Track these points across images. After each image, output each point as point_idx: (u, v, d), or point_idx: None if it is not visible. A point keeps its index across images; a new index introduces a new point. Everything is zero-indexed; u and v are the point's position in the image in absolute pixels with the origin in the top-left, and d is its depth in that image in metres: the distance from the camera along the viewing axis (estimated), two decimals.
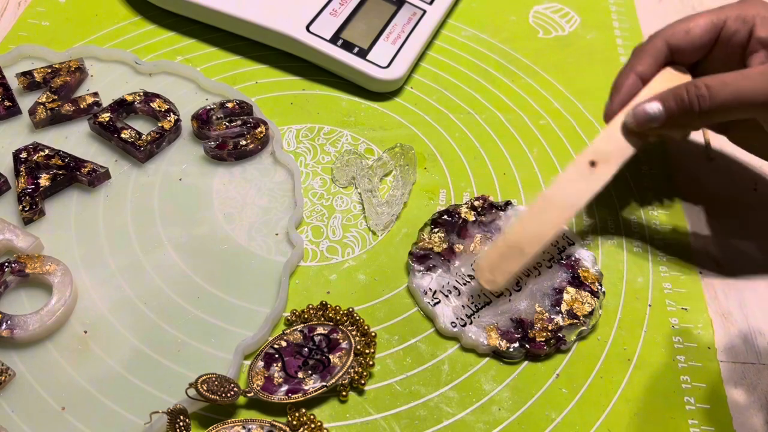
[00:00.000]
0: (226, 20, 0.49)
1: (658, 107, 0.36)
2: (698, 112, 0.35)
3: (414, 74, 0.51)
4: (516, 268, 0.36)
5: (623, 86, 0.38)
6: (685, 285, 0.40)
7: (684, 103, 0.35)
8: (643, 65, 0.38)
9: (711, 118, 0.35)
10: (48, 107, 0.43)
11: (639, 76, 0.38)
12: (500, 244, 0.37)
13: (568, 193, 0.37)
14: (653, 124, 0.36)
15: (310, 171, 0.44)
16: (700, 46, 0.38)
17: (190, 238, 0.40)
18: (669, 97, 0.36)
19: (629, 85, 0.38)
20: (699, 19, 0.38)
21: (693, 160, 0.46)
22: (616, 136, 0.37)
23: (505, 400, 0.35)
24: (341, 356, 0.35)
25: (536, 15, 0.56)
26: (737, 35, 0.37)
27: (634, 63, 0.39)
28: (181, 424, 0.31)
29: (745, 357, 0.37)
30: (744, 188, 0.45)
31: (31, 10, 0.52)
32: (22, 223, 0.39)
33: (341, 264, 0.40)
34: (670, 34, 0.38)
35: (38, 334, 0.35)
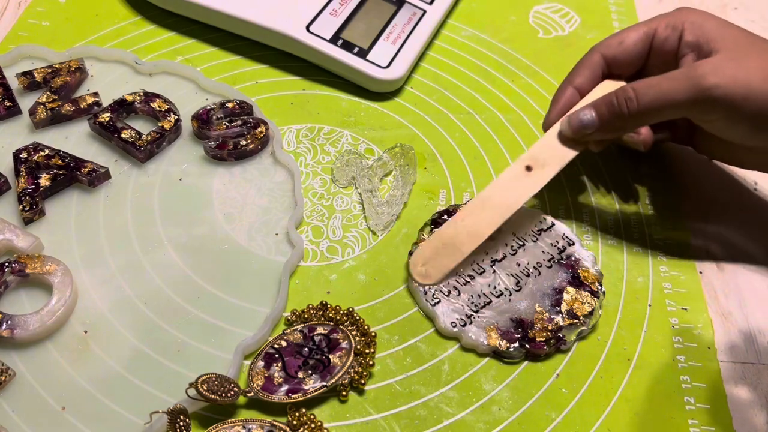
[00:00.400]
0: (226, 20, 0.49)
1: (591, 114, 0.38)
2: (628, 114, 0.36)
3: (414, 74, 0.51)
4: (452, 266, 0.38)
5: (561, 98, 0.40)
6: (685, 285, 0.40)
7: (614, 107, 0.37)
8: (580, 78, 0.40)
9: (642, 120, 0.37)
10: (48, 107, 0.43)
11: (576, 89, 0.40)
12: (435, 240, 0.38)
13: (504, 195, 0.38)
14: (587, 130, 0.38)
15: (310, 171, 0.44)
16: (634, 55, 0.40)
17: (190, 238, 0.40)
18: (600, 103, 0.37)
19: (567, 97, 0.40)
20: (631, 31, 0.40)
21: (693, 160, 0.46)
22: (552, 144, 0.39)
23: (505, 400, 0.35)
24: (341, 356, 0.35)
25: (536, 15, 0.56)
26: (668, 42, 0.39)
27: (572, 77, 0.41)
28: (181, 424, 0.31)
29: (745, 357, 0.37)
30: (744, 188, 0.45)
31: (31, 10, 0.52)
32: (22, 223, 0.39)
33: (341, 264, 0.40)
34: (605, 46, 0.40)
35: (38, 334, 0.35)
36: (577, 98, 0.40)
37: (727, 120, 0.35)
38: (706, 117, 0.36)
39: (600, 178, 0.45)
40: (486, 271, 0.39)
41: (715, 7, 0.58)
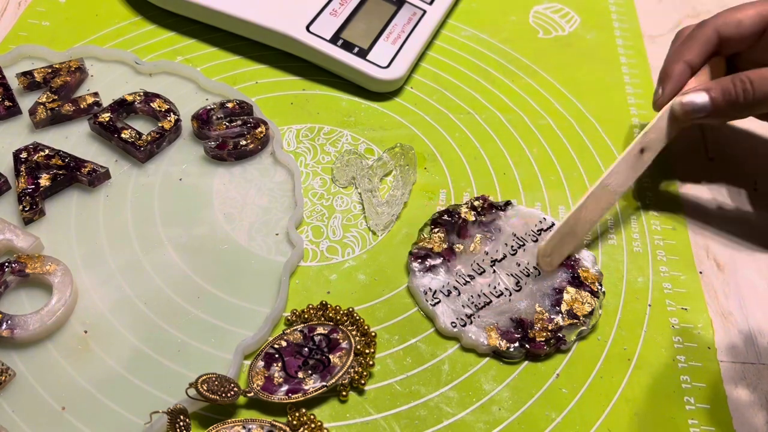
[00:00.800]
0: (226, 20, 0.49)
1: (705, 99, 0.37)
2: (743, 104, 0.37)
3: (414, 74, 0.51)
4: (570, 250, 0.39)
5: (673, 74, 0.39)
6: (685, 285, 0.40)
7: (731, 96, 0.37)
8: (692, 54, 0.39)
9: (754, 110, 0.37)
10: (48, 107, 0.43)
11: (688, 65, 0.39)
12: (562, 229, 0.38)
13: (621, 179, 0.39)
14: (700, 114, 0.38)
15: (310, 171, 0.44)
16: (749, 36, 0.39)
17: (190, 238, 0.40)
18: (716, 89, 0.37)
19: (679, 73, 0.39)
20: (749, 10, 0.39)
21: (693, 160, 0.46)
22: (662, 125, 0.39)
23: (505, 400, 0.35)
24: (341, 356, 0.35)
25: (536, 15, 0.56)
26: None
27: (683, 51, 0.40)
28: (181, 424, 0.31)
29: (745, 357, 0.37)
30: (744, 188, 0.45)
31: (31, 10, 0.52)
32: (22, 223, 0.39)
33: (341, 264, 0.40)
34: (722, 23, 0.39)
35: (38, 334, 0.35)
36: (689, 74, 0.40)
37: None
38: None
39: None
40: (486, 271, 0.39)
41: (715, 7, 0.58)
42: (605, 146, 0.47)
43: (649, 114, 0.49)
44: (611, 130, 0.48)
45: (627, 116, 0.49)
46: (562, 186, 0.44)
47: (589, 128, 0.48)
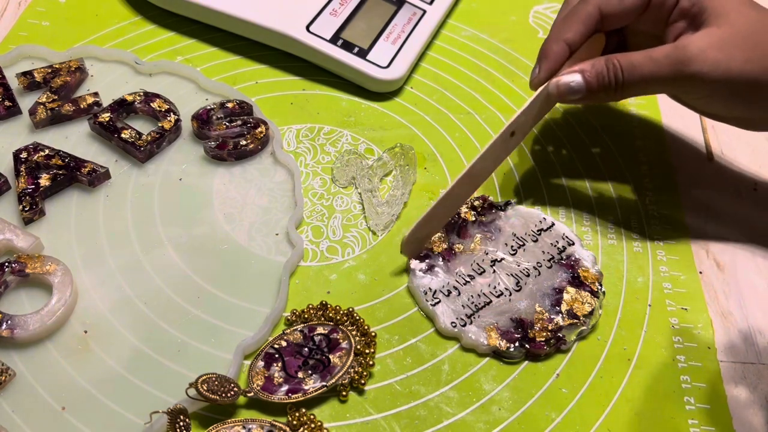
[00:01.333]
0: (226, 20, 0.49)
1: (580, 82, 0.37)
2: (614, 88, 0.37)
3: (414, 74, 0.51)
4: (429, 238, 0.39)
5: (551, 54, 0.38)
6: (685, 285, 0.40)
7: (603, 80, 0.37)
8: (571, 32, 0.38)
9: (626, 95, 0.38)
10: (48, 107, 0.43)
11: (567, 44, 0.38)
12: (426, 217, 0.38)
13: (488, 164, 0.39)
14: (575, 96, 0.38)
15: (310, 171, 0.44)
16: (632, 12, 0.39)
17: (190, 238, 0.40)
18: (591, 72, 0.37)
19: (556, 53, 0.38)
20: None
21: (693, 160, 0.46)
22: (535, 106, 0.39)
23: (505, 400, 0.35)
24: (341, 356, 0.35)
25: (536, 15, 0.56)
26: (666, 4, 0.38)
27: (562, 29, 0.39)
28: (181, 424, 0.31)
29: (745, 357, 0.37)
30: (744, 188, 0.45)
31: (31, 10, 0.52)
32: (22, 223, 0.39)
33: (341, 264, 0.40)
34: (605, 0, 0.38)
35: (38, 334, 0.35)
36: (567, 54, 0.39)
37: (705, 99, 0.38)
38: (685, 96, 0.39)
39: (600, 178, 0.45)
40: (486, 271, 0.39)
41: None
42: (605, 146, 0.47)
43: (650, 113, 0.49)
44: (611, 130, 0.48)
45: (627, 116, 0.49)
46: (562, 186, 0.44)
47: (589, 128, 0.48)
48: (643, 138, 0.47)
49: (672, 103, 0.45)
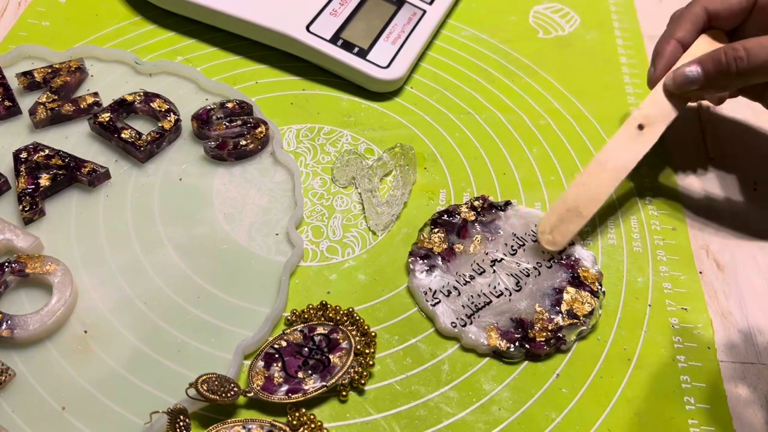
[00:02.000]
0: (226, 20, 0.49)
1: (697, 70, 0.38)
2: (736, 73, 0.37)
3: (414, 74, 0.51)
4: (576, 229, 0.39)
5: (665, 52, 0.41)
6: (685, 285, 0.40)
7: (722, 65, 0.37)
8: (682, 31, 0.40)
9: (748, 79, 0.37)
10: (48, 107, 0.43)
11: (679, 42, 0.40)
12: (559, 207, 0.39)
13: (618, 157, 0.39)
14: (693, 86, 0.38)
15: (310, 171, 0.44)
16: (738, 11, 0.40)
17: (190, 238, 0.40)
18: (707, 60, 0.38)
19: (670, 51, 0.40)
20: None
21: (693, 160, 0.46)
22: (660, 100, 0.40)
23: (505, 400, 0.35)
24: (341, 356, 0.35)
25: (536, 15, 0.56)
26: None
27: (673, 29, 0.41)
28: (181, 424, 0.31)
29: (745, 357, 0.37)
30: (744, 188, 0.45)
31: (31, 10, 0.52)
32: (22, 223, 0.39)
33: (341, 264, 0.40)
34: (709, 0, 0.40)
35: (38, 334, 0.35)
36: (680, 52, 0.41)
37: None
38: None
39: None
40: (486, 271, 0.39)
41: None
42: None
43: None
44: (611, 130, 0.48)
45: (627, 116, 0.49)
46: (562, 186, 0.44)
47: (589, 128, 0.48)
48: None
49: None
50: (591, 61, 0.53)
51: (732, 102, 0.50)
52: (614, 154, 0.39)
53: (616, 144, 0.40)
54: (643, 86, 0.51)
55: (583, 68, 0.52)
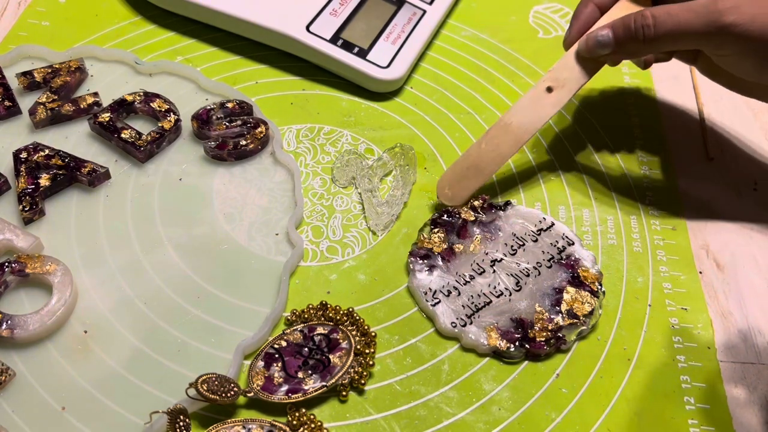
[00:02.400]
0: (226, 20, 0.49)
1: (608, 34, 0.38)
2: (643, 40, 0.37)
3: (414, 74, 0.51)
4: (476, 186, 0.40)
5: (581, 14, 0.40)
6: (685, 285, 0.40)
7: (631, 31, 0.37)
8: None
9: (657, 46, 0.37)
10: (48, 107, 0.43)
11: (597, 5, 0.40)
12: (460, 164, 0.40)
13: (526, 117, 0.40)
14: (603, 50, 0.38)
15: (310, 171, 0.44)
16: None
17: (190, 238, 0.40)
18: (619, 24, 0.38)
19: (587, 14, 0.40)
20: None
21: (693, 160, 0.46)
22: (571, 64, 0.40)
23: (505, 400, 0.35)
24: (341, 356, 0.35)
25: (536, 15, 0.56)
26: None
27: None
28: (181, 424, 0.31)
29: (745, 357, 0.37)
30: (744, 188, 0.45)
31: (31, 10, 0.52)
32: (22, 223, 0.39)
33: (341, 264, 0.40)
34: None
35: (38, 334, 0.35)
36: (597, 16, 0.40)
37: (738, 56, 0.37)
38: (718, 51, 0.37)
39: (600, 178, 0.45)
40: (486, 271, 0.39)
41: None
42: (605, 146, 0.47)
43: (650, 113, 0.49)
44: (611, 130, 0.48)
45: (626, 116, 0.49)
46: (562, 186, 0.44)
47: (589, 128, 0.48)
48: (643, 138, 0.47)
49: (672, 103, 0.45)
50: None
51: (732, 102, 0.50)
52: (520, 115, 0.40)
53: (523, 105, 0.40)
54: (643, 85, 0.51)
55: None
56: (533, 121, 0.40)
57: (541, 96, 0.40)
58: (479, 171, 0.40)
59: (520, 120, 0.39)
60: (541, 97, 0.40)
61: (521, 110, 0.40)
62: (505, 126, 0.40)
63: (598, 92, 0.50)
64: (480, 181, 0.40)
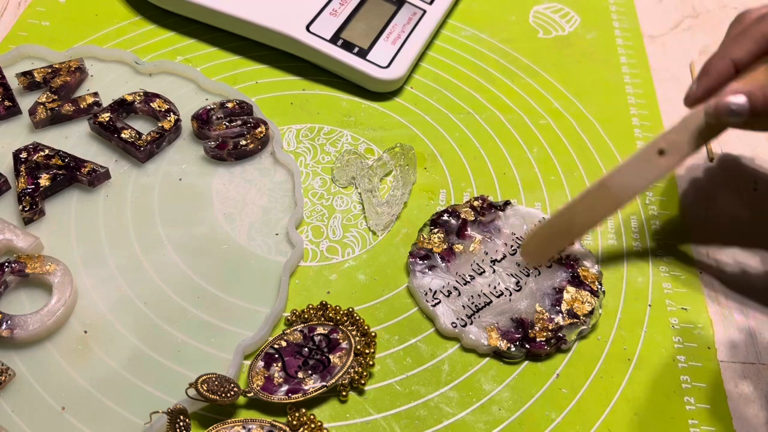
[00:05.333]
0: (226, 20, 0.49)
1: (745, 104, 0.32)
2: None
3: (414, 74, 0.51)
4: (562, 248, 0.38)
5: (713, 71, 0.35)
6: (685, 285, 0.40)
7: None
8: (741, 51, 0.34)
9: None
10: (48, 107, 0.43)
11: (734, 63, 0.34)
12: (548, 226, 0.38)
13: (629, 180, 0.35)
14: (735, 119, 0.33)
15: (310, 171, 0.44)
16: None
17: (190, 238, 0.40)
18: (757, 91, 0.32)
19: (720, 71, 0.34)
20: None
21: (693, 160, 0.46)
22: (692, 127, 0.34)
23: (505, 400, 0.35)
24: (341, 356, 0.35)
25: (536, 15, 0.56)
26: None
27: (731, 47, 0.35)
28: (181, 424, 0.31)
29: (745, 357, 0.37)
30: (744, 188, 0.45)
31: (31, 10, 0.52)
32: (22, 223, 0.39)
33: (341, 264, 0.40)
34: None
35: (38, 334, 0.35)
36: (732, 73, 0.34)
37: None
38: None
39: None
40: (486, 271, 0.39)
41: (715, 7, 0.58)
42: (605, 146, 0.47)
43: (650, 113, 0.49)
44: (611, 130, 0.48)
45: (627, 116, 0.49)
46: (562, 186, 0.44)
47: (589, 128, 0.48)
48: (643, 138, 0.47)
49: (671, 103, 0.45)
50: (591, 61, 0.53)
51: None
52: (624, 177, 0.35)
53: (630, 167, 0.35)
54: (643, 85, 0.51)
55: (583, 68, 0.52)
56: (636, 185, 0.35)
57: (651, 158, 0.35)
58: (569, 232, 0.37)
59: (622, 182, 0.35)
60: (651, 160, 0.35)
61: (627, 173, 0.35)
62: (605, 188, 0.35)
63: (599, 92, 0.50)
64: (567, 242, 0.37)
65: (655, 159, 0.35)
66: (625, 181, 0.35)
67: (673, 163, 0.35)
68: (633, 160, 0.35)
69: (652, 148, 0.35)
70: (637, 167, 0.35)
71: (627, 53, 0.53)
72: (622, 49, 0.54)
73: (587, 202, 0.36)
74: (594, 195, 0.36)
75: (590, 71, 0.52)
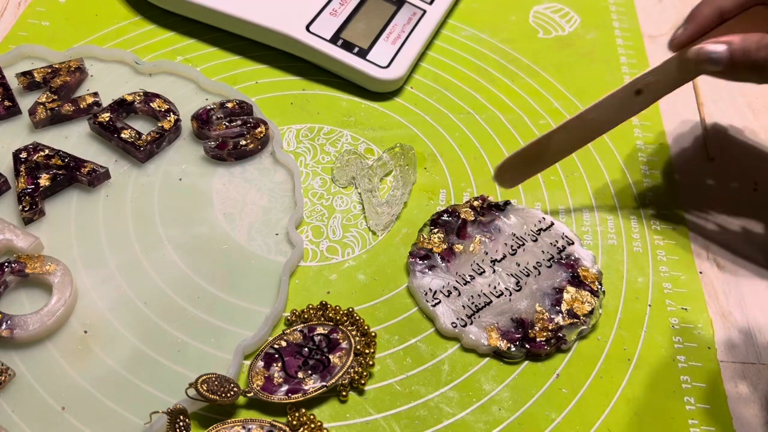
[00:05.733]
0: (226, 20, 0.49)
1: (724, 51, 0.33)
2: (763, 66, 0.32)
3: (414, 74, 0.51)
4: (533, 174, 0.40)
5: (700, 17, 0.36)
6: (685, 285, 0.40)
7: (750, 57, 0.33)
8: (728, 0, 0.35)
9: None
10: (48, 107, 0.43)
11: (720, 11, 0.35)
12: (524, 152, 0.39)
13: (606, 116, 0.38)
14: (714, 67, 0.34)
15: (310, 171, 0.44)
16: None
17: (190, 238, 0.40)
18: (739, 43, 0.33)
19: (706, 18, 0.35)
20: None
21: (693, 160, 0.46)
22: (671, 69, 0.36)
23: (505, 400, 0.35)
24: (341, 356, 0.35)
25: (536, 15, 0.56)
26: None
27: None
28: (181, 424, 0.31)
29: (745, 357, 0.37)
30: (744, 188, 0.45)
31: (31, 10, 0.52)
32: (22, 223, 0.39)
33: (341, 264, 0.40)
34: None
35: (38, 334, 0.35)
36: (717, 20, 0.36)
37: None
38: None
39: (600, 178, 0.45)
40: (486, 271, 0.39)
41: None
42: (605, 146, 0.47)
43: (650, 113, 0.49)
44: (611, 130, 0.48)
45: None
46: (562, 186, 0.44)
47: None
48: (643, 138, 0.47)
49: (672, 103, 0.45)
50: (591, 61, 0.53)
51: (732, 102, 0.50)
52: (601, 112, 0.38)
53: (607, 103, 0.38)
54: None
55: (583, 68, 0.52)
56: (612, 120, 0.38)
57: (629, 97, 0.37)
58: (541, 159, 0.39)
59: (600, 116, 0.38)
60: (629, 98, 0.37)
61: (603, 108, 0.38)
62: (583, 120, 0.38)
63: (599, 92, 0.50)
64: (539, 169, 0.40)
65: (632, 97, 0.38)
66: (602, 115, 0.38)
67: (647, 102, 0.38)
68: (611, 97, 0.38)
69: (631, 87, 0.37)
70: (614, 104, 0.38)
71: (627, 53, 0.53)
72: (622, 49, 0.54)
73: (564, 132, 0.39)
74: (571, 125, 0.38)
75: (590, 71, 0.52)
